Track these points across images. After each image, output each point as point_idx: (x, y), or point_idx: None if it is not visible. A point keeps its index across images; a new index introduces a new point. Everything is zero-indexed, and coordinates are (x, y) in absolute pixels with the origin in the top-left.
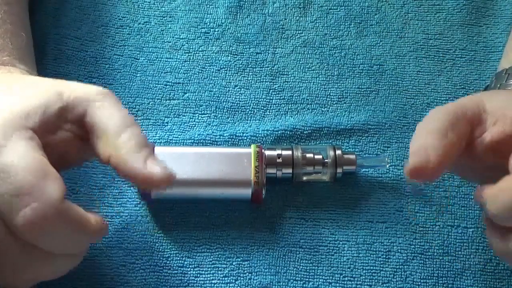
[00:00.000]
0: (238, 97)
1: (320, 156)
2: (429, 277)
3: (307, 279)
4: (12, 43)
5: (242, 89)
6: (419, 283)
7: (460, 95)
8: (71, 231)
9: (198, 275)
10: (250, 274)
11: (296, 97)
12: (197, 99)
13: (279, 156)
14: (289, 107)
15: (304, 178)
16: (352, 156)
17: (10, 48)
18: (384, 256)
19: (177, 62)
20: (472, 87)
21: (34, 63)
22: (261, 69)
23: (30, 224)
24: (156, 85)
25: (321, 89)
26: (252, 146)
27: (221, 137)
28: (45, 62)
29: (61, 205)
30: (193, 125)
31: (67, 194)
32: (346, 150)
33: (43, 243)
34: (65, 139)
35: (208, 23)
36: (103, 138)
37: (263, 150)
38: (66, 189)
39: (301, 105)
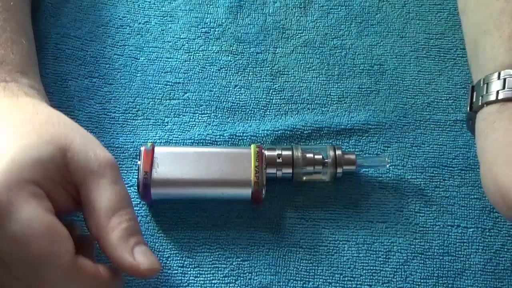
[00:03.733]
0: (238, 97)
1: (320, 156)
2: (429, 277)
3: (307, 279)
4: (14, 52)
5: (242, 89)
6: (419, 283)
7: (461, 94)
8: (84, 284)
9: (198, 275)
10: (250, 274)
11: (296, 97)
12: (197, 99)
13: (279, 156)
14: (289, 107)
15: (304, 178)
16: (352, 156)
17: (12, 58)
18: (384, 256)
19: (177, 62)
20: None
21: (37, 70)
22: (261, 69)
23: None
24: (156, 85)
25: (322, 89)
26: (252, 146)
27: (221, 137)
28: (45, 62)
29: (74, 263)
30: (193, 125)
31: None
32: (346, 150)
33: None
34: (62, 196)
35: (208, 23)
36: (94, 217)
37: (263, 150)
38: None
39: (301, 105)
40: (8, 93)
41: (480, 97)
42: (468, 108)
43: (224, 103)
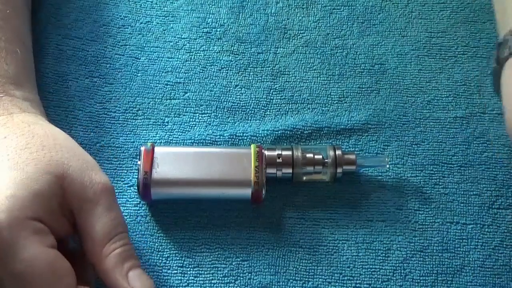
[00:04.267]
0: (238, 97)
1: (320, 156)
2: (429, 274)
3: (306, 279)
4: (8, 62)
5: (243, 89)
6: (419, 280)
7: (461, 92)
8: None
9: (198, 275)
10: (249, 274)
11: (296, 97)
12: (198, 98)
13: (279, 156)
14: (290, 107)
15: (304, 178)
16: (352, 156)
17: (5, 69)
18: (384, 254)
19: (178, 62)
20: (473, 84)
21: (33, 79)
22: (262, 69)
23: None
24: (157, 84)
25: (322, 88)
26: (252, 146)
27: (221, 137)
28: (46, 62)
29: None
30: (194, 125)
31: None
32: (346, 150)
33: None
34: (61, 223)
35: (210, 23)
36: (90, 244)
37: (263, 150)
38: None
39: (302, 105)
40: (2, 110)
41: (507, 49)
42: (494, 63)
43: (225, 103)
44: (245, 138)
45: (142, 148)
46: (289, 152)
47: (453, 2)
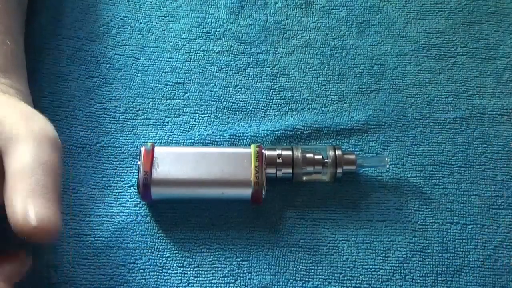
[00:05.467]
0: (238, 97)
1: (320, 156)
2: (429, 275)
3: (306, 279)
4: None
5: (243, 89)
6: (418, 280)
7: (460, 92)
8: None
9: (198, 275)
10: (249, 274)
11: (296, 97)
12: (198, 99)
13: (279, 156)
14: (290, 107)
15: (304, 178)
16: (352, 156)
17: None
18: (384, 254)
19: (178, 62)
20: (473, 84)
21: (24, 73)
22: (262, 69)
23: None
24: (157, 84)
25: (322, 89)
26: (252, 146)
27: (221, 137)
28: (46, 62)
29: None
30: (194, 125)
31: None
32: (346, 150)
33: None
34: None
35: (209, 23)
36: (5, 183)
37: (263, 150)
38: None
39: (302, 105)
40: None
41: None
42: None
43: (225, 103)
44: (245, 138)
45: (142, 148)
46: (289, 152)
47: (450, 3)
